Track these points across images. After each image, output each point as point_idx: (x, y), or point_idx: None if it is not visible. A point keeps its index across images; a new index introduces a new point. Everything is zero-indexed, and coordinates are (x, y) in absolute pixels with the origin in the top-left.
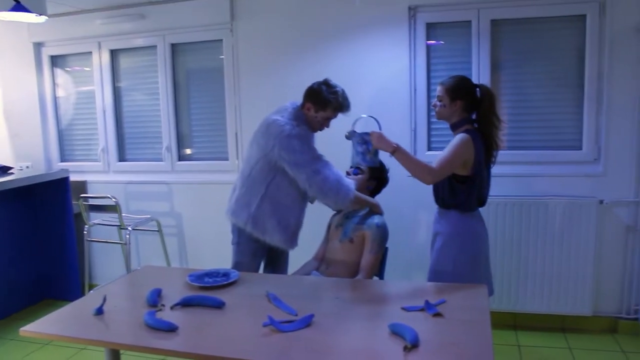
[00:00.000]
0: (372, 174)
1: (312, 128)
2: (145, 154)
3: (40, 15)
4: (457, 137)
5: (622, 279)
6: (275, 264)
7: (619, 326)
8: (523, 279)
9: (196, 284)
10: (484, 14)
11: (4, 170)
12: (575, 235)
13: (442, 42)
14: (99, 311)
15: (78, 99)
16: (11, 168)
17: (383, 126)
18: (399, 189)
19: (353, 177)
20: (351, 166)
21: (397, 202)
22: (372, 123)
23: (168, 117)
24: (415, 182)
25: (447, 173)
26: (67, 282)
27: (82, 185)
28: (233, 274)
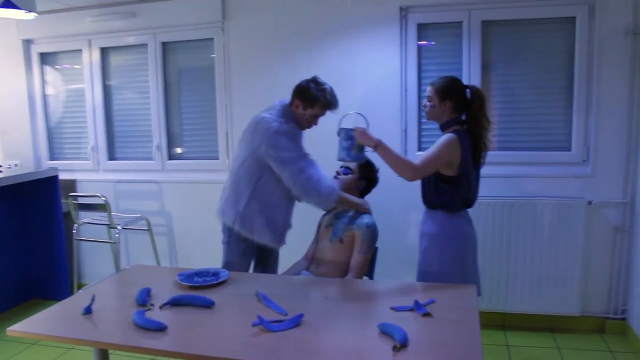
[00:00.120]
0: (361, 174)
1: (301, 126)
2: (136, 152)
3: (30, 12)
4: (443, 137)
5: (610, 280)
6: (265, 263)
7: (607, 326)
8: (512, 279)
9: (186, 283)
10: (474, 15)
11: None
12: (563, 235)
13: (433, 43)
14: (88, 310)
15: (68, 97)
16: None
17: (374, 126)
18: (389, 188)
19: (343, 176)
20: (341, 166)
21: (387, 202)
22: (363, 120)
23: (158, 116)
24: (405, 182)
25: (430, 172)
26: (56, 281)
27: (71, 184)
28: (223, 274)
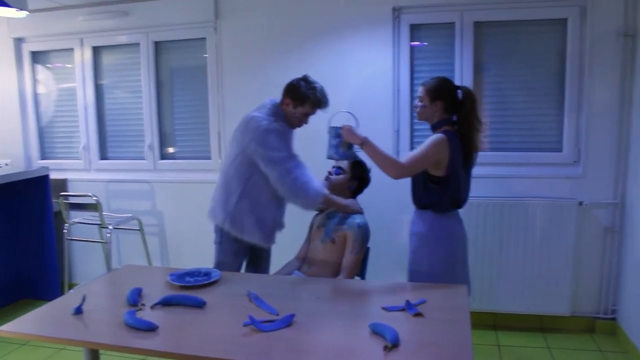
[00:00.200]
0: (353, 174)
1: (291, 124)
2: (127, 152)
3: (21, 10)
4: (432, 137)
5: (600, 280)
6: (257, 263)
7: (597, 326)
8: (503, 279)
9: (177, 283)
10: (467, 16)
11: None
12: (554, 236)
13: (426, 44)
14: (78, 310)
15: (59, 96)
16: None
17: (366, 126)
18: (381, 189)
19: (335, 176)
20: (333, 166)
21: (378, 202)
22: (353, 119)
23: (150, 116)
24: (396, 182)
25: (416, 171)
26: (46, 281)
27: (62, 183)
28: (214, 274)
